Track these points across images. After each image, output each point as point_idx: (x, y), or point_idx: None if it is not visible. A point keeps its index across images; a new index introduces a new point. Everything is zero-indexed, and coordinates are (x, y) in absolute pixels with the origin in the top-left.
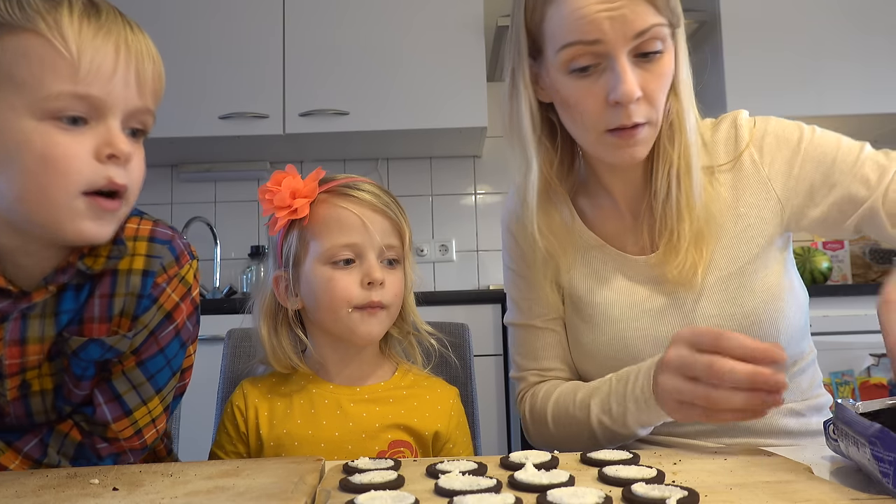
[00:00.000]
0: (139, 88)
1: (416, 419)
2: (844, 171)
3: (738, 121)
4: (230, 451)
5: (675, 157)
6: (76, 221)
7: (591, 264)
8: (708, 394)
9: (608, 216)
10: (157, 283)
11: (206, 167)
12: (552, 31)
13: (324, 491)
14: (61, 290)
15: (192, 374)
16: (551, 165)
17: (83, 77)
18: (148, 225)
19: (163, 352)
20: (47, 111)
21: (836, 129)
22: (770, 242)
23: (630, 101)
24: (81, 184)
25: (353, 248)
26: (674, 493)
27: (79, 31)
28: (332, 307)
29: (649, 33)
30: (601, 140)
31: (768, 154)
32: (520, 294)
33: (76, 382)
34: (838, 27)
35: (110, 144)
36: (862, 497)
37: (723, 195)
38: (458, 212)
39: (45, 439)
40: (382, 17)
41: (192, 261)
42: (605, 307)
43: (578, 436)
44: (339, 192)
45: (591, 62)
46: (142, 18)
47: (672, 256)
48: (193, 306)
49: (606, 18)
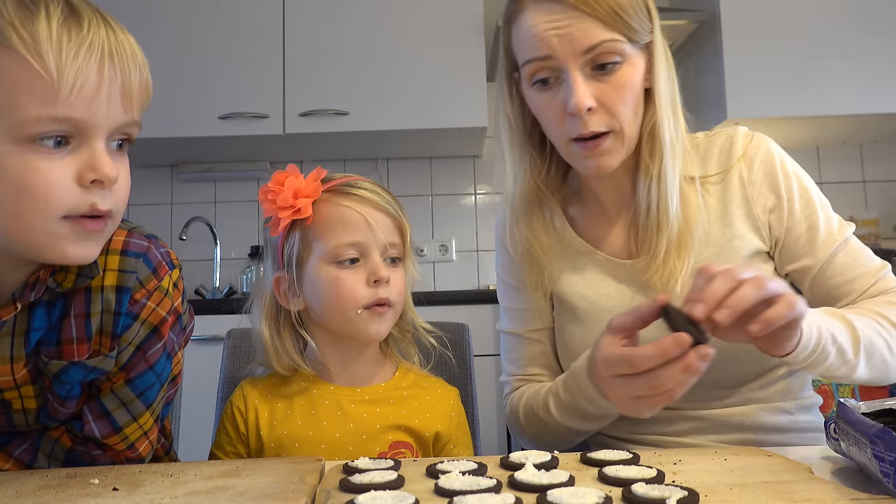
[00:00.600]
0: (125, 103)
1: (417, 420)
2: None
3: (734, 136)
4: (230, 451)
5: (654, 167)
6: (59, 245)
7: (581, 269)
8: (649, 381)
9: (598, 223)
10: (136, 299)
11: (206, 167)
12: (516, 49)
13: (324, 491)
14: (31, 306)
15: (182, 378)
16: (540, 175)
17: (64, 99)
18: (121, 236)
19: (152, 368)
20: (25, 135)
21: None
22: (757, 254)
23: (581, 112)
24: (61, 210)
25: (357, 247)
26: (674, 493)
27: (59, 47)
28: (340, 308)
29: (599, 48)
30: (568, 149)
31: (755, 174)
32: (510, 304)
33: (61, 402)
34: (838, 27)
35: (95, 170)
36: (862, 497)
37: (712, 205)
38: (458, 212)
39: (35, 443)
40: (382, 17)
41: (171, 271)
42: (593, 309)
43: (548, 434)
44: (340, 191)
45: (550, 75)
46: (141, 19)
47: (652, 264)
48: (176, 316)
49: (555, 36)
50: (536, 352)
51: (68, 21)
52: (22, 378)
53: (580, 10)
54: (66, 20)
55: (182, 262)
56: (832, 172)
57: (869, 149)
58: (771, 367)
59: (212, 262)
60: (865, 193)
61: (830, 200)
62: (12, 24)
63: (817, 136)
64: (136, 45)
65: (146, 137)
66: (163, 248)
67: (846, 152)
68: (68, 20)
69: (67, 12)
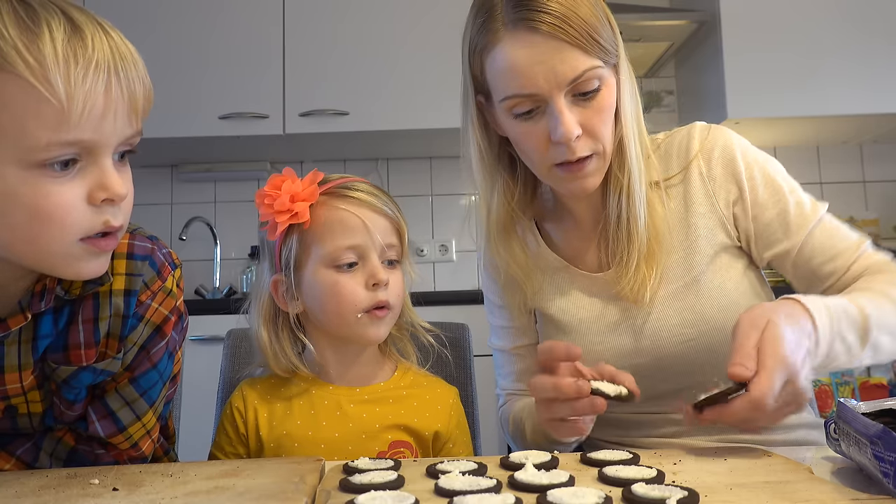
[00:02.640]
0: (131, 117)
1: (416, 419)
2: (770, 209)
3: (692, 131)
4: (230, 452)
5: (623, 180)
6: (74, 265)
7: (557, 283)
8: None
9: (571, 238)
10: (141, 300)
11: (206, 167)
12: (492, 80)
13: (324, 491)
14: (39, 314)
15: (180, 378)
16: (513, 197)
17: (74, 124)
18: (125, 239)
19: (155, 367)
20: (35, 161)
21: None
22: (722, 250)
23: (570, 141)
24: (78, 232)
25: (355, 250)
26: (674, 493)
27: (66, 71)
28: (340, 312)
29: (582, 77)
30: (551, 174)
31: (714, 168)
32: (497, 321)
33: (69, 405)
34: (838, 27)
35: (105, 189)
36: (862, 497)
37: (673, 208)
38: (458, 212)
39: (38, 443)
40: (382, 16)
41: (174, 271)
42: (569, 322)
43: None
44: (337, 193)
45: (532, 106)
46: (142, 19)
47: (623, 275)
48: (178, 315)
49: (539, 72)
50: (523, 368)
51: (72, 40)
52: (29, 384)
53: (558, 39)
54: (70, 39)
55: (182, 262)
56: (832, 172)
57: (869, 149)
58: None
59: (212, 262)
60: (865, 193)
61: (830, 200)
62: (16, 48)
63: (817, 136)
64: (135, 52)
65: (146, 137)
66: (164, 248)
67: (846, 152)
68: (72, 39)
69: (70, 30)
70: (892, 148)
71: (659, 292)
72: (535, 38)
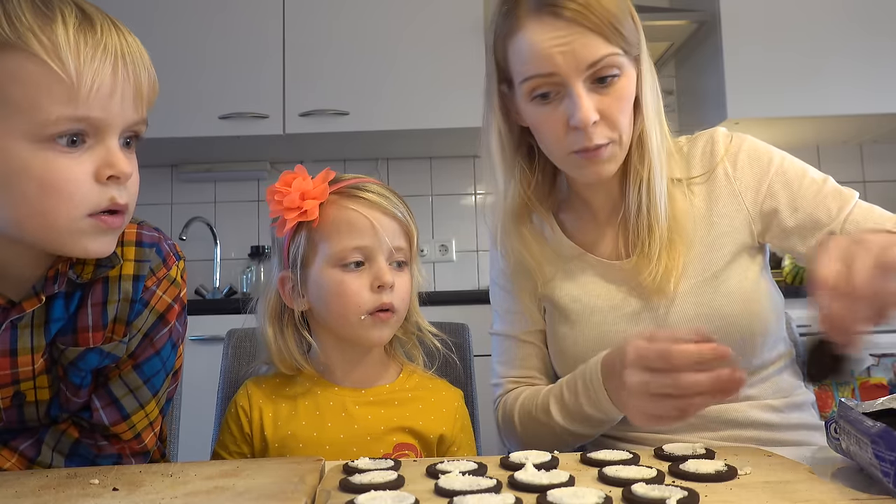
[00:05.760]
0: (136, 102)
1: (421, 422)
2: (808, 198)
3: (714, 136)
4: (234, 451)
5: (643, 172)
6: (81, 241)
7: (572, 272)
8: (676, 380)
9: (588, 227)
10: (147, 286)
11: (206, 167)
12: (514, 64)
13: (324, 491)
14: (51, 298)
15: (181, 375)
16: (529, 186)
17: (83, 100)
18: (133, 228)
19: (158, 354)
20: (45, 135)
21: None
22: (743, 249)
23: (587, 126)
24: (85, 207)
25: (362, 251)
26: (674, 493)
27: (76, 50)
28: (343, 312)
29: (602, 63)
30: (568, 160)
31: (741, 169)
32: (503, 307)
33: (75, 391)
34: (838, 27)
35: (111, 166)
36: (862, 497)
37: (697, 205)
38: (458, 212)
39: (41, 437)
40: (382, 16)
41: (178, 261)
42: (584, 311)
43: (543, 437)
44: (347, 193)
45: (551, 90)
46: (142, 19)
47: (645, 265)
48: (181, 306)
49: (559, 53)
50: (531, 353)
51: (83, 26)
52: (39, 368)
53: (581, 25)
54: (81, 25)
55: None
56: (832, 172)
57: (869, 149)
58: (760, 366)
59: (212, 262)
60: (865, 193)
61: None
62: (31, 29)
63: (817, 136)
64: (142, 47)
65: (146, 137)
66: (169, 240)
67: (846, 152)
68: (83, 25)
69: (81, 17)
70: (892, 148)
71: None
72: (557, 22)
